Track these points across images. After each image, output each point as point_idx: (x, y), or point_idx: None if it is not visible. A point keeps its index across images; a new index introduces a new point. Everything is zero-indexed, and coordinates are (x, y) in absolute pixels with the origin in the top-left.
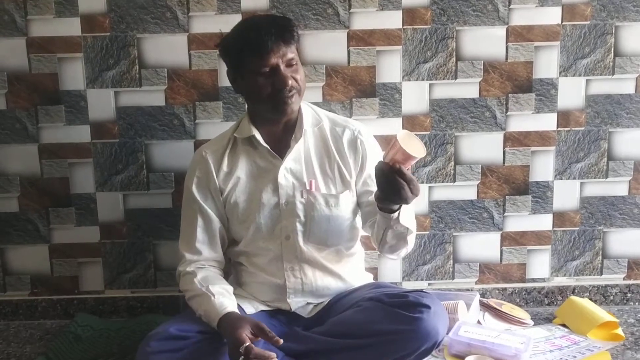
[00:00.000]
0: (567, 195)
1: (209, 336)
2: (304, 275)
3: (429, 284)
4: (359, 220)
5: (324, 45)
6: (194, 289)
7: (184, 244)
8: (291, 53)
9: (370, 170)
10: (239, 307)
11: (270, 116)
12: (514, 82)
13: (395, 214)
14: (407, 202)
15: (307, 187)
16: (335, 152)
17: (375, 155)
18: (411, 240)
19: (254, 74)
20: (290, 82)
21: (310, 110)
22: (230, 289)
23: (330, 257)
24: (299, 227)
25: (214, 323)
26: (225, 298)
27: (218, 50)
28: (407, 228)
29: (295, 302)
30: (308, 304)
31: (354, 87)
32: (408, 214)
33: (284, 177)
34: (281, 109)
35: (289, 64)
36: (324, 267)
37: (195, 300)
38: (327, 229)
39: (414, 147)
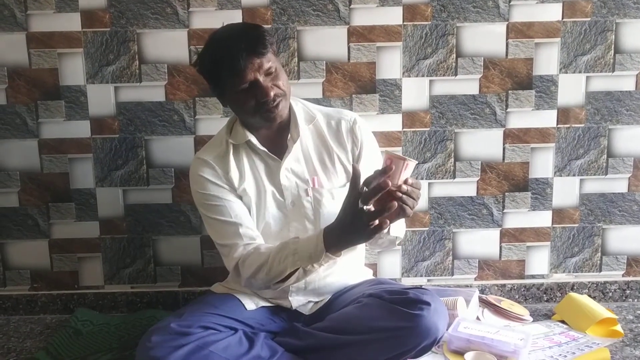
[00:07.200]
0: (566, 192)
1: (211, 332)
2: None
3: (428, 280)
4: None
5: (324, 41)
6: (269, 253)
7: (230, 238)
8: (267, 62)
9: (368, 158)
10: (239, 302)
11: (261, 125)
12: (514, 78)
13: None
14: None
15: (311, 185)
16: (334, 145)
17: (372, 142)
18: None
19: (235, 92)
20: (273, 91)
21: (302, 107)
22: None
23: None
24: (309, 226)
25: (320, 246)
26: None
27: (195, 69)
28: (397, 237)
29: (297, 301)
30: (309, 301)
31: (354, 83)
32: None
33: (286, 178)
34: (269, 118)
35: (267, 73)
36: (327, 266)
37: (279, 257)
38: None
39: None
